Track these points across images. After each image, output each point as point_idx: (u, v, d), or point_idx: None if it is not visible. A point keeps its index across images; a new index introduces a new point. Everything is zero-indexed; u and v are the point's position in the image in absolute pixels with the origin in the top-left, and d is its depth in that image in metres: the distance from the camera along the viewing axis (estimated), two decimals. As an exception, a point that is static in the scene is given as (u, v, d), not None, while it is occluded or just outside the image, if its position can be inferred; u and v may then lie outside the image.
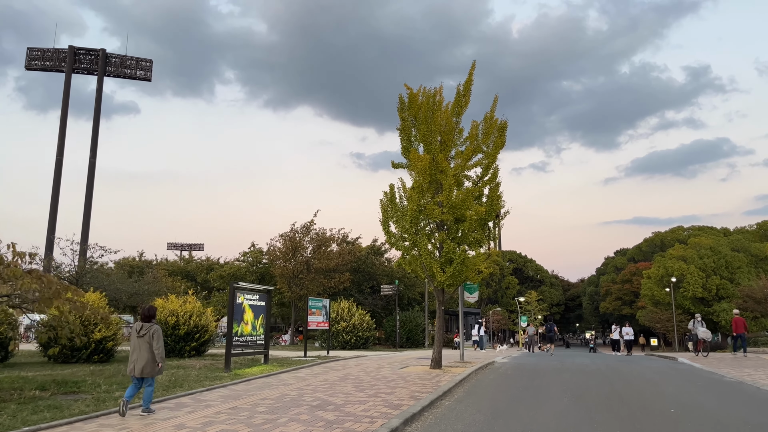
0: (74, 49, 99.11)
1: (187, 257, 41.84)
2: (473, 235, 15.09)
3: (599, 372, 15.74)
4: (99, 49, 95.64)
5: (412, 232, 15.08)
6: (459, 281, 15.30)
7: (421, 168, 14.96)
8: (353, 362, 17.04)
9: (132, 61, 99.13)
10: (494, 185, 15.61)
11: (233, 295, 13.99)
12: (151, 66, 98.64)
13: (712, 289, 49.28)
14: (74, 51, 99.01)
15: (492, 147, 15.81)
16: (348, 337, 25.96)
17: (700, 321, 23.07)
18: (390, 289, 31.13)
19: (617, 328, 30.12)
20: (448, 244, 14.98)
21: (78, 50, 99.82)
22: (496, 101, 16.31)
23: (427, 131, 15.44)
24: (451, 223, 15.33)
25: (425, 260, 15.08)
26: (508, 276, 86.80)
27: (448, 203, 14.65)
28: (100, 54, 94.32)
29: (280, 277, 29.72)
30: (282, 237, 30.34)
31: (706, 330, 22.34)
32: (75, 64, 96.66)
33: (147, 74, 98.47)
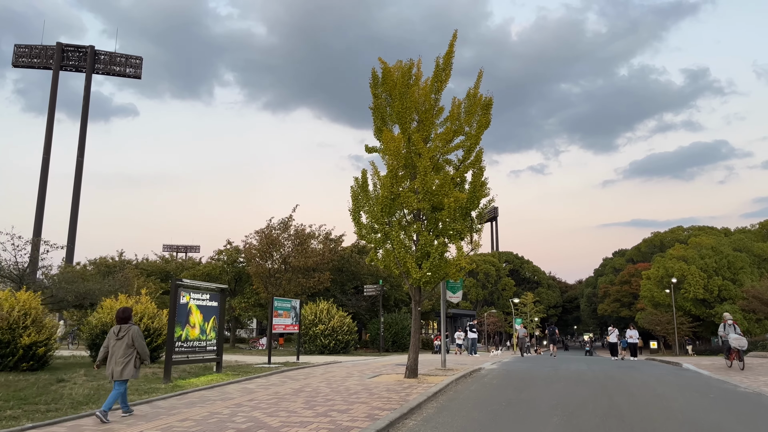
0: (62, 46, 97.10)
1: (168, 257, 39.83)
2: (453, 226, 13.28)
3: (596, 381, 13.93)
4: (87, 46, 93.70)
5: (383, 222, 13.28)
6: (437, 278, 13.48)
7: (394, 150, 13.16)
8: (321, 370, 15.20)
9: (121, 59, 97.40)
10: (477, 170, 13.81)
11: (176, 295, 12.16)
12: (141, 63, 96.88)
13: (714, 290, 47.51)
14: (62, 48, 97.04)
15: (475, 127, 14.02)
16: (327, 341, 24.10)
17: (731, 324, 18.33)
18: (373, 289, 29.24)
19: (614, 330, 27.90)
20: (425, 235, 13.19)
21: (66, 47, 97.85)
22: (480, 76, 14.52)
23: (402, 108, 13.64)
24: (427, 212, 13.53)
25: (399, 254, 13.27)
26: (505, 277, 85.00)
27: (424, 189, 12.85)
28: (88, 51, 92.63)
29: (255, 276, 27.86)
30: (258, 233, 28.52)
31: (740, 336, 17.71)
32: (63, 61, 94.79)
33: (137, 72, 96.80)
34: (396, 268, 13.77)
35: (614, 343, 26.99)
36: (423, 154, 12.91)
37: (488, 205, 14.03)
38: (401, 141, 13.22)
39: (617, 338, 27.41)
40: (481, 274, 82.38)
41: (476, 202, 13.60)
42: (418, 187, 12.98)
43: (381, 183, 13.39)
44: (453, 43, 14.41)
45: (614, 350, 26.89)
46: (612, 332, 27.78)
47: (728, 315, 18.99)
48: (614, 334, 27.57)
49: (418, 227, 13.35)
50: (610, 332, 27.95)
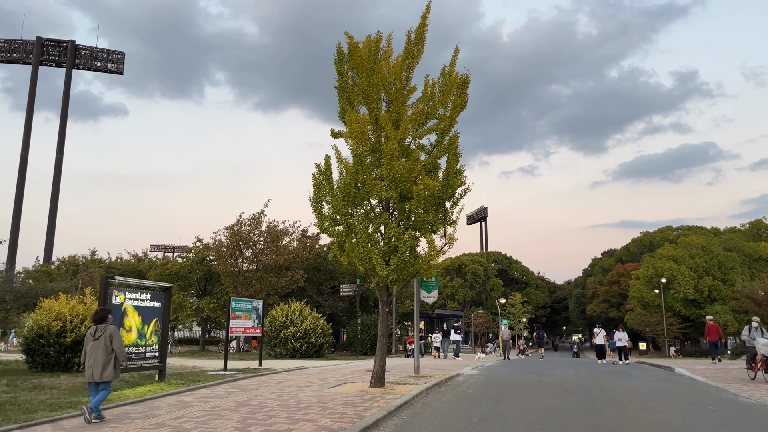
0: (42, 41, 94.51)
1: (141, 256, 38.12)
2: (424, 218, 11.87)
3: (583, 390, 12.58)
4: (68, 41, 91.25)
5: (346, 213, 11.84)
6: (406, 276, 12.07)
7: (359, 132, 11.74)
8: (279, 378, 13.74)
9: (103, 53, 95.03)
10: (452, 155, 12.41)
11: (105, 294, 10.64)
12: (123, 59, 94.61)
13: (704, 290, 46.54)
14: (42, 42, 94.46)
15: (450, 108, 12.63)
16: (298, 344, 22.58)
17: (757, 328, 15.84)
18: (350, 289, 27.70)
19: (600, 331, 25.76)
20: (392, 228, 11.77)
21: (46, 41, 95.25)
22: (457, 53, 13.15)
23: (368, 86, 12.21)
24: (396, 202, 12.13)
25: (363, 249, 11.85)
26: (493, 278, 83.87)
27: (390, 175, 11.43)
28: (68, 45, 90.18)
29: (224, 275, 26.29)
30: (228, 230, 26.94)
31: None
32: (43, 56, 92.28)
33: (119, 67, 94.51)
34: (361, 265, 12.35)
35: (601, 345, 25.26)
36: (390, 137, 11.49)
37: (464, 194, 12.66)
38: (367, 123, 11.81)
39: (605, 339, 25.65)
40: (468, 275, 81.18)
41: (450, 191, 12.20)
42: (384, 174, 11.56)
43: (345, 169, 11.96)
44: (426, 16, 13.05)
45: (601, 353, 25.18)
46: (599, 333, 25.82)
47: (756, 318, 16.84)
48: (601, 335, 25.61)
49: (385, 218, 11.93)
50: (597, 333, 25.93)
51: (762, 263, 49.65)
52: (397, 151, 11.36)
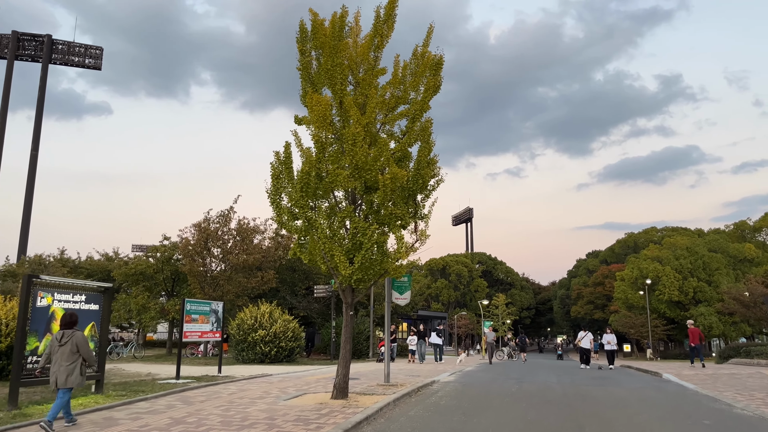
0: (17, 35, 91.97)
1: (112, 255, 36.53)
2: (392, 211, 10.74)
3: (565, 401, 11.54)
4: (44, 35, 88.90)
5: (305, 205, 10.67)
6: (372, 275, 10.94)
7: (320, 115, 10.58)
8: (235, 387, 12.52)
9: (80, 48, 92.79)
10: (424, 143, 11.29)
11: (28, 295, 9.36)
12: (101, 54, 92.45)
13: (689, 291, 46.02)
14: (18, 36, 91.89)
15: (422, 91, 11.53)
16: (267, 349, 21.32)
17: None
18: (324, 290, 26.40)
19: (585, 334, 23.61)
20: (356, 222, 10.63)
21: (22, 35, 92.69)
22: (431, 32, 12.02)
23: (332, 65, 11.06)
24: (361, 193, 11.00)
25: (324, 245, 10.70)
26: (477, 278, 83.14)
27: (353, 163, 10.29)
28: (45, 40, 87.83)
29: (190, 275, 24.92)
30: (195, 227, 25.55)
31: None
32: (19, 51, 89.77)
33: (96, 62, 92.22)
34: (323, 263, 11.20)
35: (587, 350, 23.33)
36: (353, 120, 10.35)
37: (436, 186, 11.56)
38: (329, 105, 10.65)
39: (590, 343, 23.50)
40: (453, 275, 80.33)
41: (422, 182, 11.08)
42: (347, 162, 10.42)
43: (305, 157, 10.79)
44: (397, -11, 11.90)
45: (586, 358, 23.17)
46: (584, 336, 23.43)
47: None
48: (587, 338, 23.30)
49: (350, 211, 10.78)
50: (582, 336, 23.58)
51: (746, 264, 49.29)
52: (361, 136, 10.22)
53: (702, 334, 23.19)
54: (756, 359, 21.84)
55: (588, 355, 23.14)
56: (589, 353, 23.22)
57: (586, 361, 23.04)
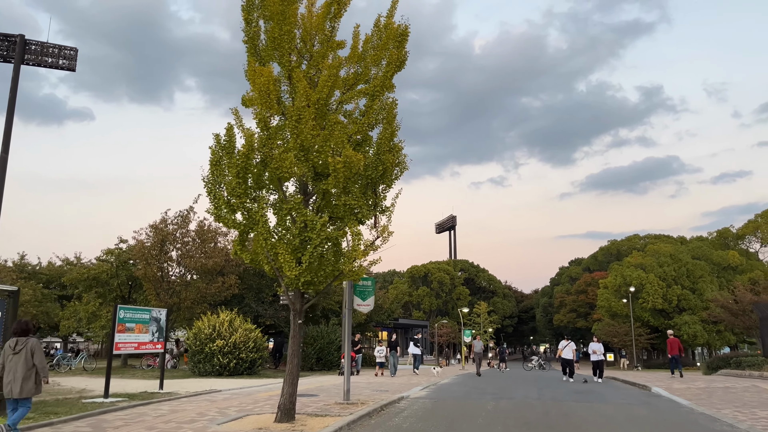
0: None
1: (74, 261, 34.44)
2: (347, 201, 9.22)
3: (546, 420, 10.07)
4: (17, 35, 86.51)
5: (242, 193, 9.11)
6: (323, 277, 9.41)
7: (262, 89, 9.07)
8: (168, 408, 10.84)
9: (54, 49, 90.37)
10: (387, 125, 9.82)
11: None
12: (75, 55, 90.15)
13: (672, 300, 45.09)
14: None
15: (385, 66, 10.07)
16: (226, 360, 19.57)
17: None
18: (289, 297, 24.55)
19: (568, 343, 21.69)
20: (304, 214, 9.10)
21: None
22: (395, 2, 10.58)
23: (280, 33, 9.55)
24: (310, 180, 9.48)
25: (267, 243, 9.16)
26: (460, 286, 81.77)
27: (298, 143, 8.78)
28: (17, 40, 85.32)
29: (144, 280, 23.07)
30: (152, 228, 23.68)
31: None
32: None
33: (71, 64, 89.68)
34: (267, 264, 9.64)
35: (569, 360, 21.47)
36: (299, 92, 8.84)
37: (399, 175, 10.08)
38: (272, 77, 9.12)
39: (573, 353, 21.59)
40: (434, 283, 78.88)
41: (383, 169, 9.60)
42: (291, 142, 8.90)
43: (245, 137, 9.24)
44: (356, -48, 10.40)
45: (569, 369, 21.24)
46: (566, 346, 21.52)
47: None
48: (570, 348, 21.42)
49: (297, 202, 9.23)
50: (564, 346, 21.67)
51: (730, 272, 48.59)
52: (308, 112, 8.70)
53: (681, 345, 23.34)
54: (748, 370, 20.63)
55: (571, 367, 21.49)
56: (572, 364, 21.59)
57: (569, 372, 21.35)
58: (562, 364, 21.93)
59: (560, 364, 22.40)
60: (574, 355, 22.04)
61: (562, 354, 21.58)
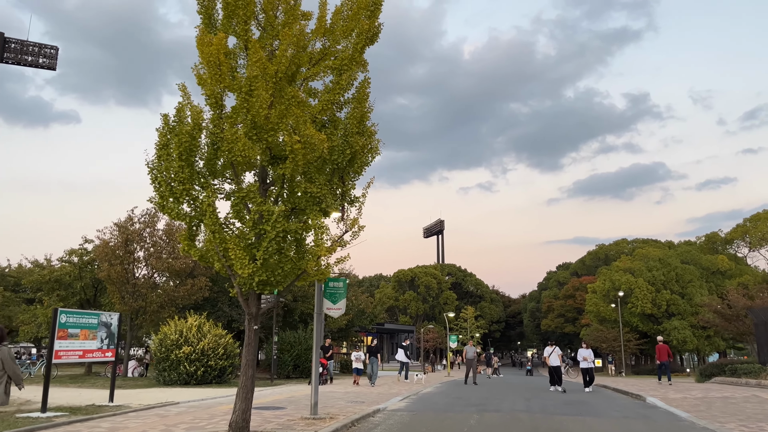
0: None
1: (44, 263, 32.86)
2: (308, 188, 8.06)
3: (536, 441, 8.95)
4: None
5: (185, 179, 7.92)
6: (282, 276, 8.22)
7: (211, 59, 7.90)
8: (107, 426, 9.56)
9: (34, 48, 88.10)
10: (356, 105, 8.69)
11: None
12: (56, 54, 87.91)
13: (662, 304, 44.35)
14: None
15: (355, 38, 8.94)
16: (193, 368, 18.24)
17: None
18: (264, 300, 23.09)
19: (553, 348, 20.28)
20: (259, 203, 7.93)
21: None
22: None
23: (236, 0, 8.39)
24: (264, 162, 8.32)
25: (216, 237, 7.97)
26: (447, 291, 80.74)
27: (249, 119, 7.61)
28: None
29: (108, 282, 21.67)
30: (117, 226, 22.29)
31: None
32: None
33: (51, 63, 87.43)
34: (218, 262, 8.44)
35: (557, 367, 20.00)
36: (251, 60, 7.68)
37: (370, 161, 8.94)
38: (222, 45, 7.94)
39: (560, 359, 20.40)
40: (421, 287, 77.80)
41: (351, 153, 8.45)
42: (240, 117, 7.73)
43: (191, 115, 8.05)
44: None
45: (556, 376, 19.83)
46: (552, 352, 20.11)
47: None
48: (555, 353, 20.08)
49: (252, 190, 8.06)
50: (549, 352, 20.25)
51: (719, 277, 48.01)
52: (261, 84, 7.53)
53: (670, 351, 23.39)
54: (744, 378, 19.70)
55: (559, 374, 20.20)
56: (560, 371, 20.30)
57: (557, 381, 19.99)
58: (549, 371, 20.54)
59: (548, 371, 20.88)
60: (561, 361, 20.74)
61: (549, 361, 20.29)
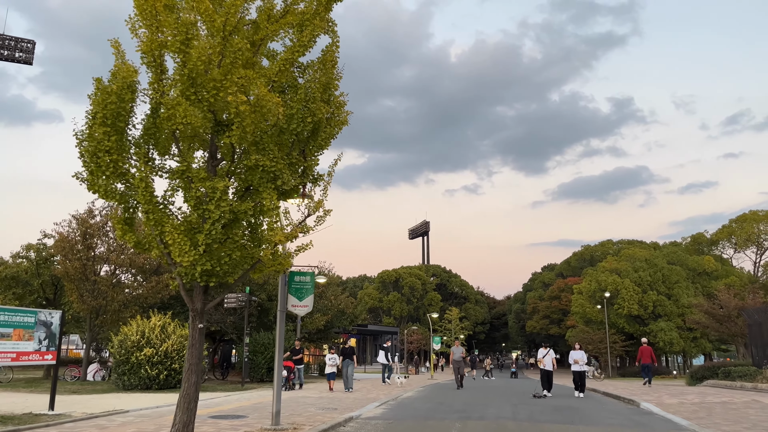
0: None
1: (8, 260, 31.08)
2: (261, 162, 6.86)
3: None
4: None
5: (112, 148, 6.68)
6: (229, 265, 7.01)
7: (146, 6, 6.65)
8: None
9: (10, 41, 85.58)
10: (321, 69, 7.51)
11: None
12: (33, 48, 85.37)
13: (648, 306, 43.69)
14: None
15: (320, -9, 7.75)
16: (155, 372, 16.85)
17: None
18: (235, 299, 21.73)
19: (547, 351, 18.63)
20: (202, 178, 6.71)
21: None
22: None
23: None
24: (207, 130, 7.11)
25: (148, 217, 6.74)
26: (431, 292, 79.76)
27: (185, 73, 6.40)
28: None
29: (66, 279, 20.16)
30: (76, 219, 20.78)
31: None
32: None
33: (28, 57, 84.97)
34: (155, 247, 7.20)
35: (549, 372, 18.15)
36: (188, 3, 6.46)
37: (336, 133, 7.77)
38: (160, -9, 6.70)
39: (553, 364, 18.51)
40: (406, 288, 76.71)
41: (314, 122, 7.26)
42: (176, 72, 6.51)
43: (120, 73, 6.79)
44: None
45: (548, 381, 18.13)
46: (546, 354, 18.49)
47: None
48: (549, 356, 18.40)
49: (192, 162, 6.84)
50: (543, 354, 18.62)
51: (705, 278, 47.53)
52: (197, 32, 6.31)
53: (653, 354, 23.54)
54: (739, 381, 18.81)
55: (551, 378, 18.30)
56: (551, 375, 18.85)
57: (548, 385, 18.07)
58: (541, 375, 18.94)
59: (540, 376, 19.10)
60: (554, 365, 18.98)
61: (543, 364, 18.29)
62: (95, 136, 6.63)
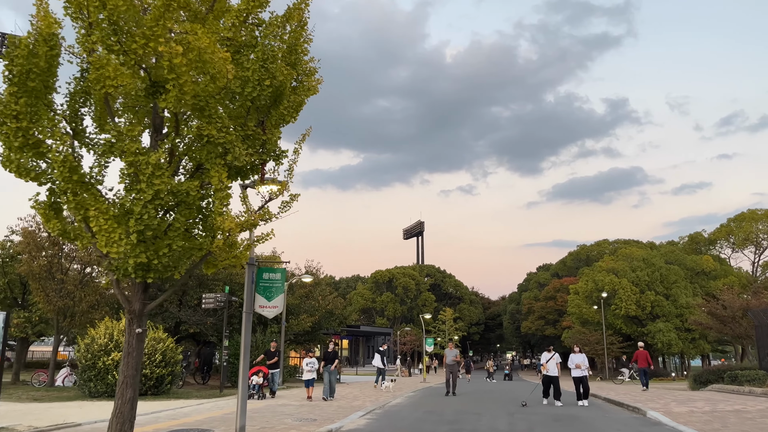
0: None
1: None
2: (206, 132, 5.68)
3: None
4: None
5: (20, 113, 5.50)
6: (170, 259, 5.84)
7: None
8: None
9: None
10: (284, 24, 6.35)
11: None
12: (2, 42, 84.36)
13: (646, 306, 42.70)
14: None
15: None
16: (123, 377, 15.67)
17: None
18: (213, 300, 20.41)
19: (552, 355, 16.75)
20: (132, 151, 5.53)
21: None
22: None
23: None
24: (140, 92, 5.95)
25: (68, 198, 5.57)
26: (425, 292, 78.63)
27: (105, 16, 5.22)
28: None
29: (30, 278, 18.85)
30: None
31: None
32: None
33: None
34: (83, 236, 6.02)
35: (555, 378, 16.32)
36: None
37: (303, 102, 6.60)
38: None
39: (558, 369, 16.60)
40: (399, 289, 75.59)
41: (274, 87, 6.09)
42: (92, 15, 5.32)
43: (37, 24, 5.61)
44: None
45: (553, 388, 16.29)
46: (551, 358, 16.57)
47: None
48: (554, 361, 16.51)
49: (122, 131, 5.66)
50: (547, 358, 16.68)
51: (703, 278, 46.62)
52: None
53: (650, 357, 23.31)
54: (747, 386, 17.75)
55: (556, 385, 16.19)
56: (557, 382, 16.33)
57: (554, 393, 16.14)
58: (544, 381, 16.69)
59: (542, 381, 17.37)
60: (559, 370, 17.18)
61: (547, 369, 16.45)
62: (0, 98, 5.45)
